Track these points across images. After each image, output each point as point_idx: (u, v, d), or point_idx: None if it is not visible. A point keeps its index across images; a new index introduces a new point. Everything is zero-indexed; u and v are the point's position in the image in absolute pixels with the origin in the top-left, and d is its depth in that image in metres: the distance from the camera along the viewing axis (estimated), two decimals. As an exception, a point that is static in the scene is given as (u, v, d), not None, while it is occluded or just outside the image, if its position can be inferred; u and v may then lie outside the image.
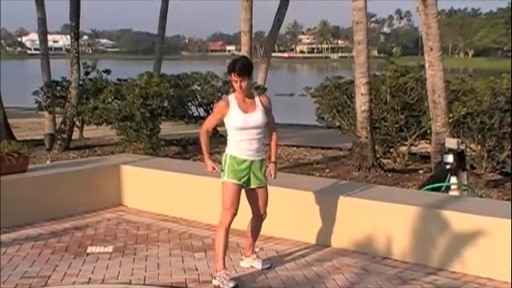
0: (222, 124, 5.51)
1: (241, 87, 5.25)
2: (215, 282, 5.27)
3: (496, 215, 5.46)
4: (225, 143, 5.43)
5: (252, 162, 5.34)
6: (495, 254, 5.33)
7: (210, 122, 5.51)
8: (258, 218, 5.57)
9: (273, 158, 5.58)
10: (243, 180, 5.34)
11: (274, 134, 5.60)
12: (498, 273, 5.31)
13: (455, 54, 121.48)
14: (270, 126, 5.55)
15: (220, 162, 5.47)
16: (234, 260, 5.79)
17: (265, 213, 5.55)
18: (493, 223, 5.38)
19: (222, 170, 5.35)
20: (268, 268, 5.65)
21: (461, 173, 7.63)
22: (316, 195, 6.40)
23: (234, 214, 5.32)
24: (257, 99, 5.39)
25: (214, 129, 14.14)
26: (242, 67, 5.25)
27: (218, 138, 14.11)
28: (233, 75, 5.24)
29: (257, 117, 5.32)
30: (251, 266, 5.68)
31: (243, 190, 5.42)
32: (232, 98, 5.34)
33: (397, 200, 6.07)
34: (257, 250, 5.88)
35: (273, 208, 5.68)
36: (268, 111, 5.43)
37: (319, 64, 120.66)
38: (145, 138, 11.87)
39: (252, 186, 5.41)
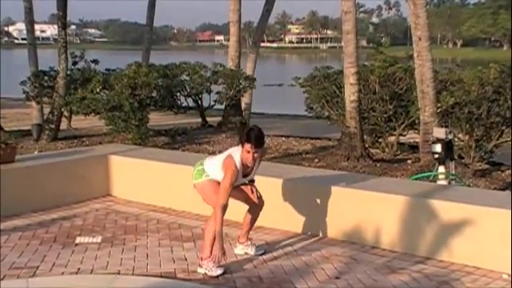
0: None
1: (253, 158, 5.24)
2: (201, 270, 5.30)
3: (483, 204, 5.50)
4: (213, 133, 5.40)
5: None
6: (482, 243, 5.37)
7: (227, 194, 5.19)
8: (258, 206, 5.65)
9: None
10: None
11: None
12: (485, 261, 5.35)
13: (444, 44, 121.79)
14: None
15: (209, 153, 5.46)
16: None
17: (261, 197, 5.63)
18: (480, 212, 5.42)
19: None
20: (262, 254, 5.72)
21: (449, 162, 7.67)
22: (305, 185, 6.42)
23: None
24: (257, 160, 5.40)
25: (206, 121, 14.11)
26: (260, 140, 5.22)
27: (207, 128, 14.12)
28: (247, 146, 5.19)
29: (250, 176, 5.47)
30: (245, 253, 5.74)
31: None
32: (238, 161, 5.27)
33: (385, 190, 6.09)
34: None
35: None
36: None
37: (308, 54, 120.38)
38: (133, 129, 11.82)
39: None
